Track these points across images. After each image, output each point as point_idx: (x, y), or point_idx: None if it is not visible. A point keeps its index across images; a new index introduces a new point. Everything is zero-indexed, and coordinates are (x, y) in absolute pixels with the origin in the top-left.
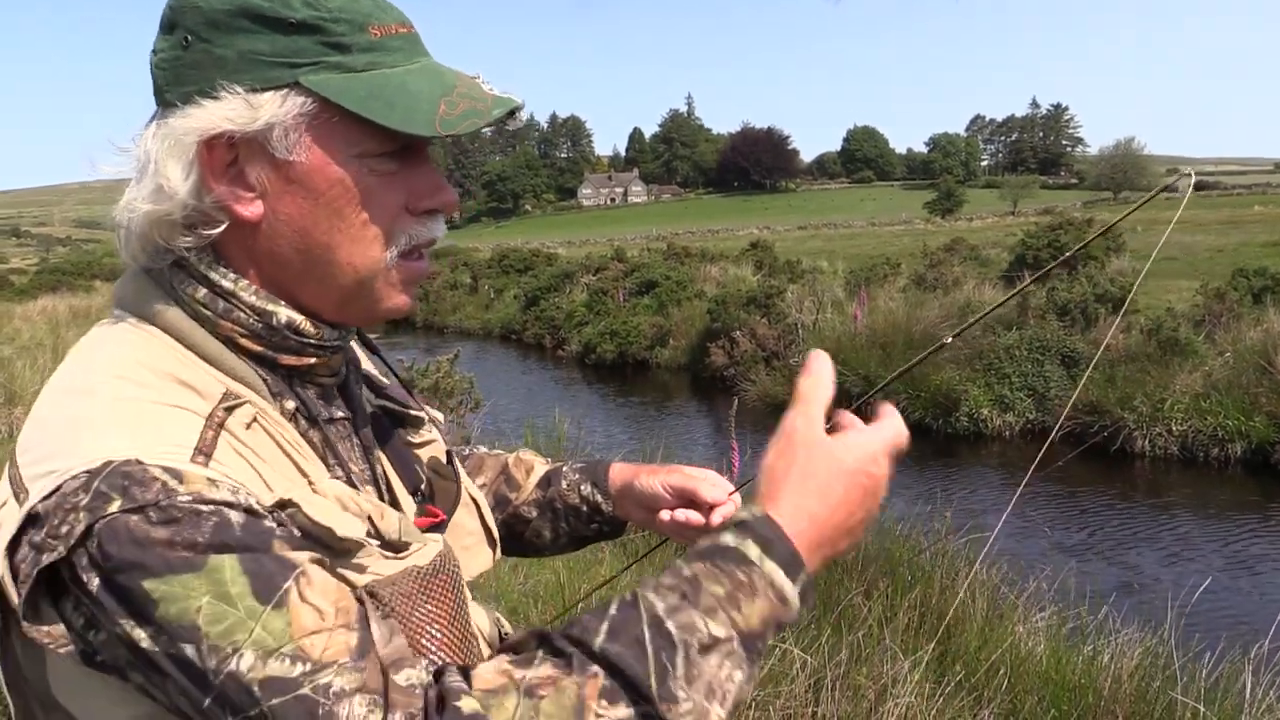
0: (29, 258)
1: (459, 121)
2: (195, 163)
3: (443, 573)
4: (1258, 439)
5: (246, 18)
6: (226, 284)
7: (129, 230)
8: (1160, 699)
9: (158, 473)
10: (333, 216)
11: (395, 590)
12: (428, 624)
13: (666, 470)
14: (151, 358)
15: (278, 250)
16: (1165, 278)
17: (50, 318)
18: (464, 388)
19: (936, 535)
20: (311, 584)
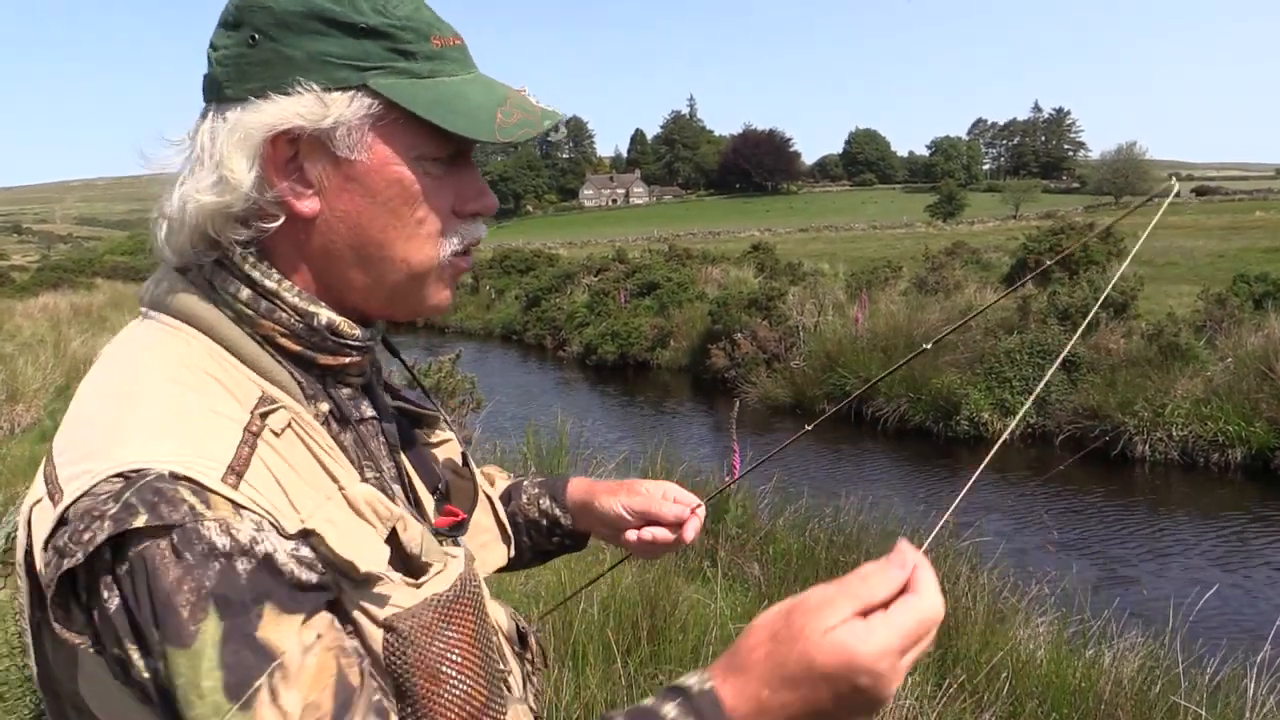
0: (30, 255)
1: (515, 130)
2: (260, 156)
3: (464, 596)
4: (1258, 444)
5: (318, 20)
6: (270, 284)
7: (181, 222)
8: (1161, 703)
9: (187, 494)
10: (389, 215)
11: (415, 623)
12: (448, 651)
13: (626, 490)
14: (192, 359)
15: (331, 246)
16: (1166, 282)
17: (51, 315)
18: (465, 388)
19: (937, 539)
20: (287, 678)
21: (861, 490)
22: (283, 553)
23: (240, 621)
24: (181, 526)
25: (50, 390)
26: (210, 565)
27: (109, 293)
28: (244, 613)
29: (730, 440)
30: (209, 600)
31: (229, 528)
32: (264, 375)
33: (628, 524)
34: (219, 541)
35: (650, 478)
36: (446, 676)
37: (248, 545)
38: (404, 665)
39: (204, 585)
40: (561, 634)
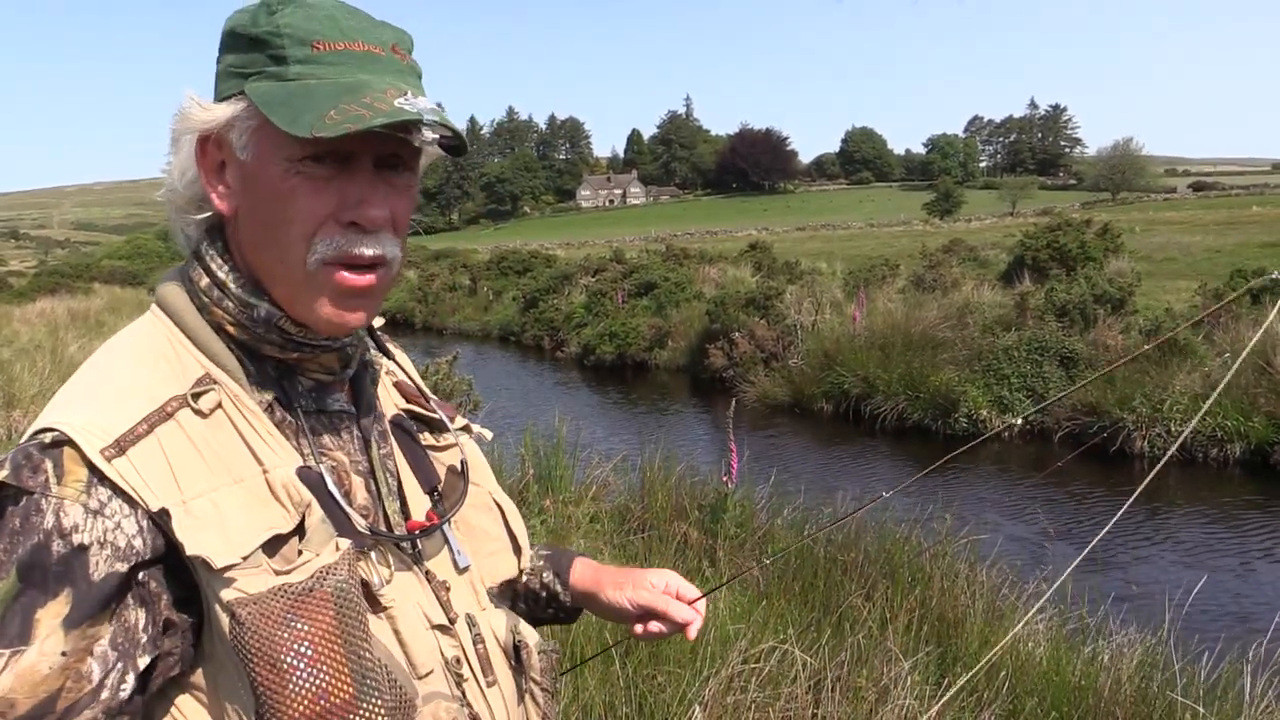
0: (27, 260)
1: (334, 126)
2: (191, 157)
3: (321, 590)
4: (1257, 439)
5: (230, 36)
6: (220, 274)
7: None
8: (1160, 700)
9: (50, 466)
10: (266, 213)
11: (257, 610)
12: (295, 642)
13: (632, 585)
14: (149, 341)
15: (244, 244)
16: (1164, 278)
17: (49, 320)
18: (463, 389)
19: (936, 536)
20: (14, 667)
21: (860, 489)
22: (96, 545)
23: (32, 595)
24: (30, 494)
25: (47, 396)
26: (31, 537)
27: (106, 297)
28: (40, 589)
29: (728, 439)
30: (14, 564)
31: (62, 509)
32: (212, 358)
33: (632, 618)
34: (48, 520)
35: (649, 478)
36: (291, 668)
37: (68, 531)
38: (243, 651)
39: (17, 552)
40: (559, 635)
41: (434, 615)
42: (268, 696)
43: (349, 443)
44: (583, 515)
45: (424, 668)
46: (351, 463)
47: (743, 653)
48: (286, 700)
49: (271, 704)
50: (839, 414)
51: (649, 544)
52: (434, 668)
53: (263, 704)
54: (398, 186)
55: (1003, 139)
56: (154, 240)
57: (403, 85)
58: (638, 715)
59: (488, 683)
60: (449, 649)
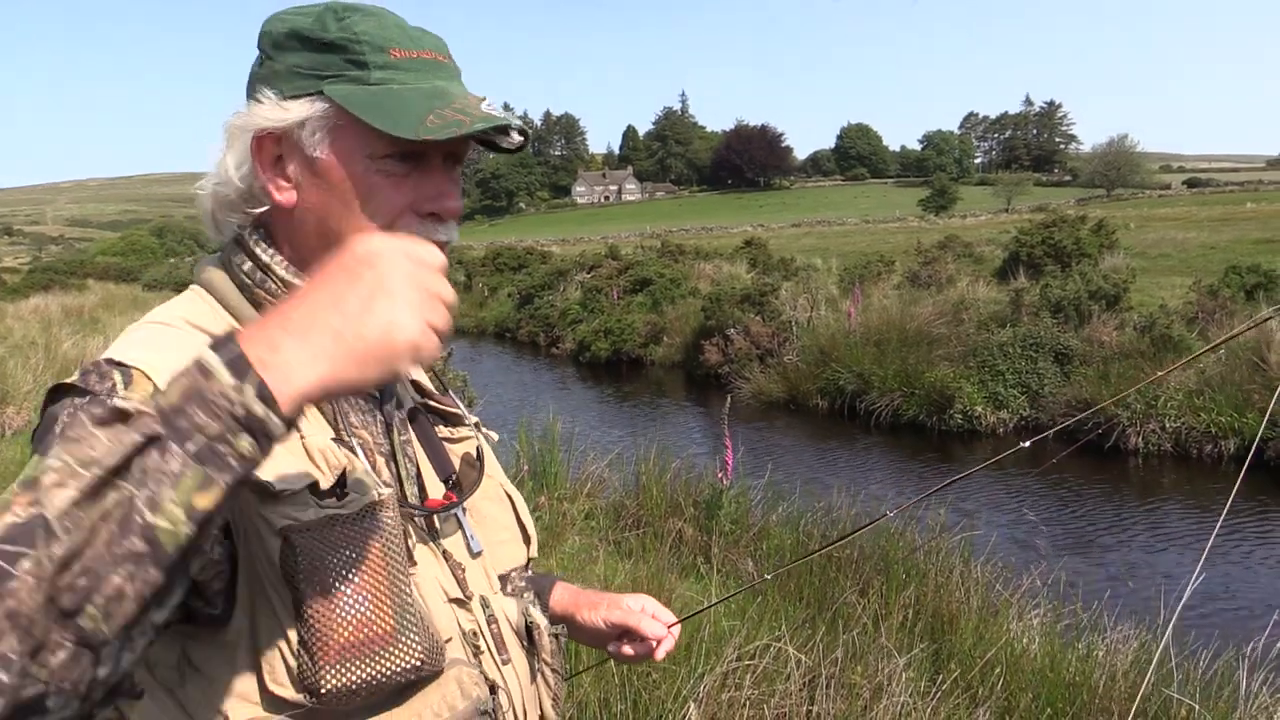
0: (21, 256)
1: (439, 129)
2: (248, 154)
3: (368, 523)
4: (1251, 435)
5: (294, 38)
6: (265, 258)
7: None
8: (1155, 696)
9: (118, 375)
10: (344, 207)
11: (310, 536)
12: (343, 568)
13: (607, 605)
14: (190, 311)
15: (303, 234)
16: (1159, 274)
17: (42, 316)
18: (458, 386)
19: (931, 533)
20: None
21: (855, 485)
22: None
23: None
24: (95, 395)
25: (41, 392)
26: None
27: (101, 294)
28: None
29: (723, 436)
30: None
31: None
32: None
33: (607, 637)
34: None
35: (644, 474)
36: (338, 592)
37: None
38: (295, 574)
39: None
40: None
41: (450, 589)
42: (316, 621)
43: (372, 425)
44: (578, 512)
45: (444, 635)
46: (375, 444)
47: (738, 649)
48: (333, 625)
49: (319, 629)
50: (834, 410)
51: (644, 540)
52: (453, 636)
53: (309, 629)
54: (457, 180)
55: (998, 135)
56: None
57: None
58: (633, 712)
59: (502, 660)
60: (466, 623)
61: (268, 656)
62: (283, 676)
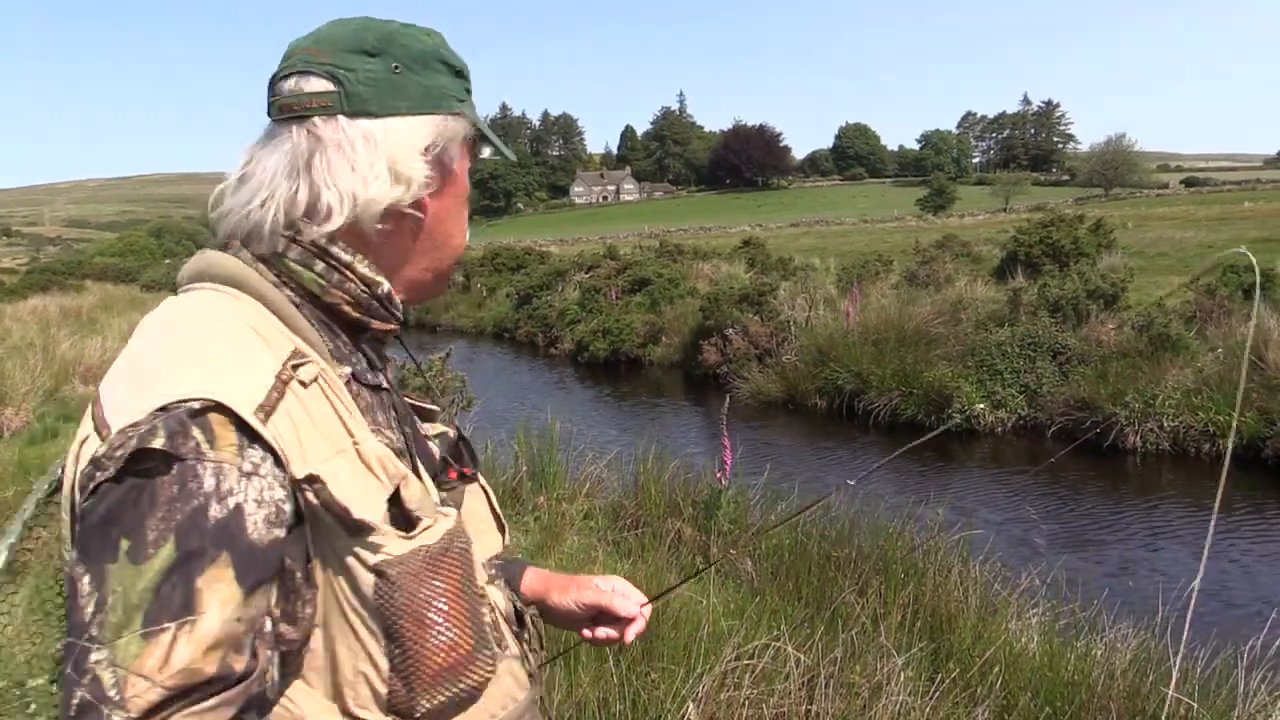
0: (19, 257)
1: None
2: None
3: (451, 550)
4: (1249, 434)
5: (438, 61)
6: (345, 257)
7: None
8: (1154, 695)
9: (199, 433)
10: (458, 213)
11: (403, 570)
12: (434, 598)
13: (577, 586)
14: (236, 314)
15: (420, 234)
16: (1156, 274)
17: (41, 318)
18: (456, 386)
19: (929, 532)
20: (190, 636)
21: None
22: (254, 504)
23: (191, 561)
24: (183, 461)
25: (39, 393)
26: (189, 501)
27: (99, 295)
28: (199, 555)
29: (722, 436)
30: (172, 532)
31: (220, 472)
32: (298, 333)
33: (580, 620)
34: (207, 483)
35: (642, 474)
36: (431, 622)
37: (225, 494)
38: (391, 609)
39: (175, 517)
40: (552, 632)
41: None
42: (413, 651)
43: (390, 420)
44: (576, 512)
45: None
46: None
47: (736, 649)
48: (427, 654)
49: (415, 658)
50: (833, 410)
51: (642, 540)
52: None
53: (406, 658)
54: None
55: (996, 135)
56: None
57: None
58: (631, 712)
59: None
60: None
61: (350, 682)
62: (368, 701)
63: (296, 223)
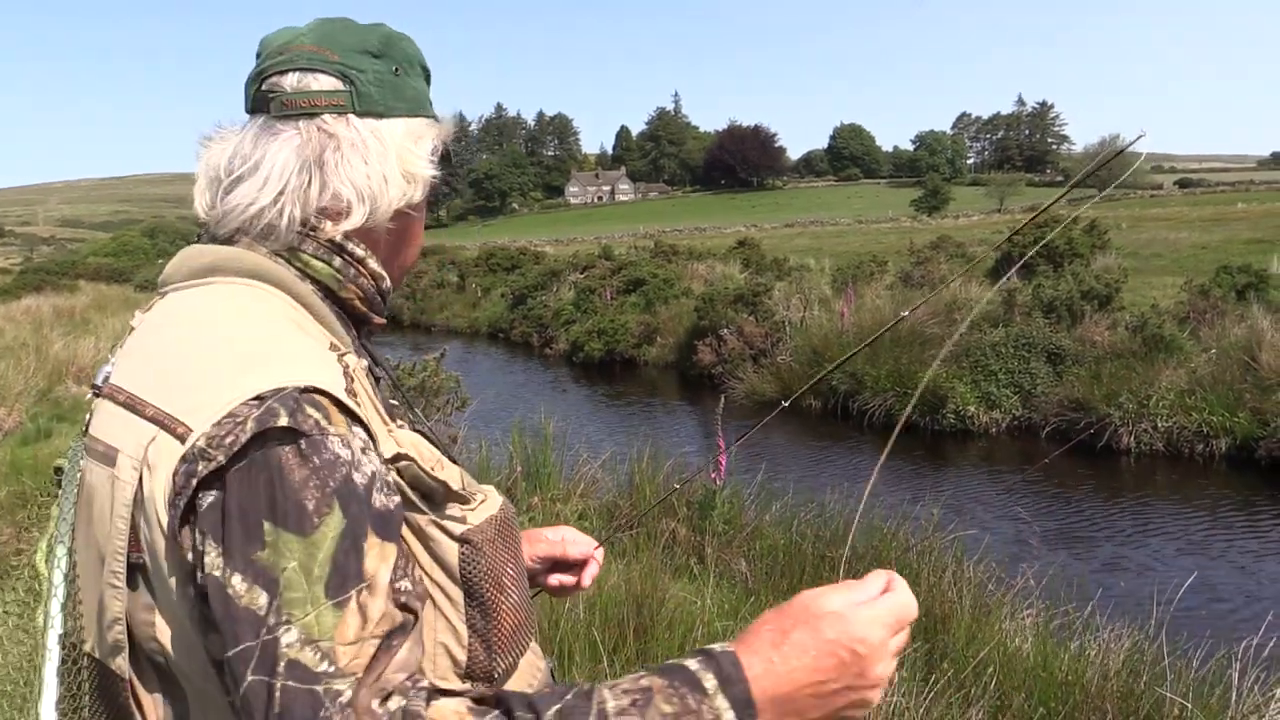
0: (12, 257)
1: None
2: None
3: (509, 517)
4: (1242, 435)
5: (420, 65)
6: (359, 252)
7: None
8: (1147, 695)
9: (313, 410)
10: (423, 212)
11: (483, 537)
12: (506, 562)
13: (529, 541)
14: (270, 308)
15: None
16: (1150, 274)
17: (34, 318)
18: (450, 386)
19: (924, 532)
20: (373, 594)
21: (847, 485)
22: (377, 477)
23: (356, 525)
24: (309, 435)
25: (32, 394)
26: (336, 469)
27: (92, 295)
28: (360, 519)
29: (716, 436)
30: (334, 497)
31: (348, 442)
32: (328, 328)
33: (535, 571)
34: (341, 452)
35: (637, 474)
36: (506, 585)
37: (360, 462)
38: (477, 574)
39: (329, 484)
40: (547, 632)
41: None
42: (493, 612)
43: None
44: (570, 512)
45: None
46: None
47: None
48: (505, 613)
49: (495, 619)
50: (827, 410)
51: (637, 541)
52: None
53: (488, 620)
54: None
55: (990, 136)
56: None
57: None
58: None
59: None
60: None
61: (430, 654)
62: (446, 670)
63: (310, 219)
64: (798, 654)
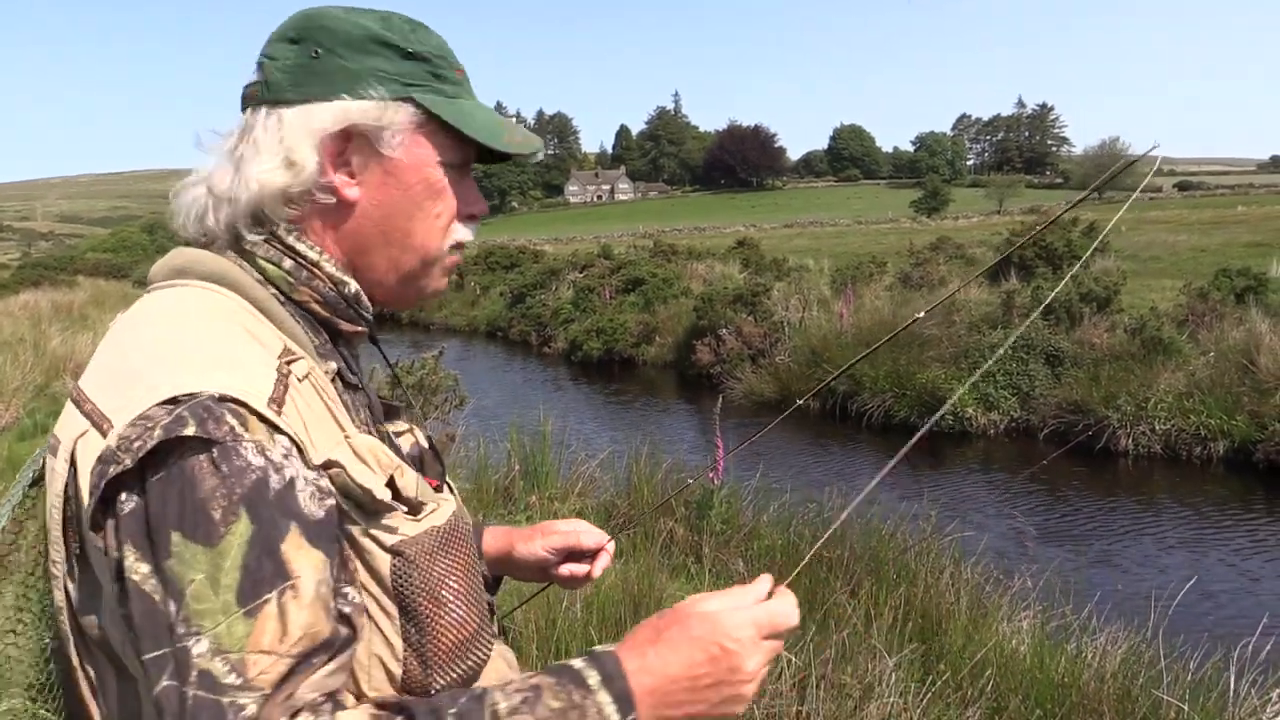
0: (11, 252)
1: (517, 146)
2: (321, 148)
3: (458, 530)
4: (1240, 438)
5: (375, 43)
6: (312, 255)
7: (241, 199)
8: (1144, 697)
9: (230, 417)
10: (415, 207)
11: (419, 549)
12: (447, 576)
13: (541, 533)
14: (226, 311)
15: (362, 230)
16: (1149, 277)
17: (32, 313)
18: (449, 385)
19: (921, 534)
20: (298, 598)
21: (845, 485)
22: (303, 480)
23: (268, 529)
24: (222, 443)
25: (30, 389)
26: (246, 476)
27: (90, 290)
28: (273, 523)
29: (714, 436)
30: (241, 504)
31: (264, 449)
32: (286, 332)
33: (550, 563)
34: (254, 460)
35: (635, 474)
36: (445, 600)
37: (279, 465)
38: (409, 588)
39: (236, 492)
40: (544, 632)
41: None
42: (429, 628)
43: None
44: (569, 511)
45: None
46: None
47: None
48: (442, 630)
49: (431, 634)
50: (826, 411)
51: (634, 540)
52: None
53: (424, 636)
54: None
55: (990, 137)
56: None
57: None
58: None
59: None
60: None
61: (365, 666)
62: (382, 683)
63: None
64: (671, 650)
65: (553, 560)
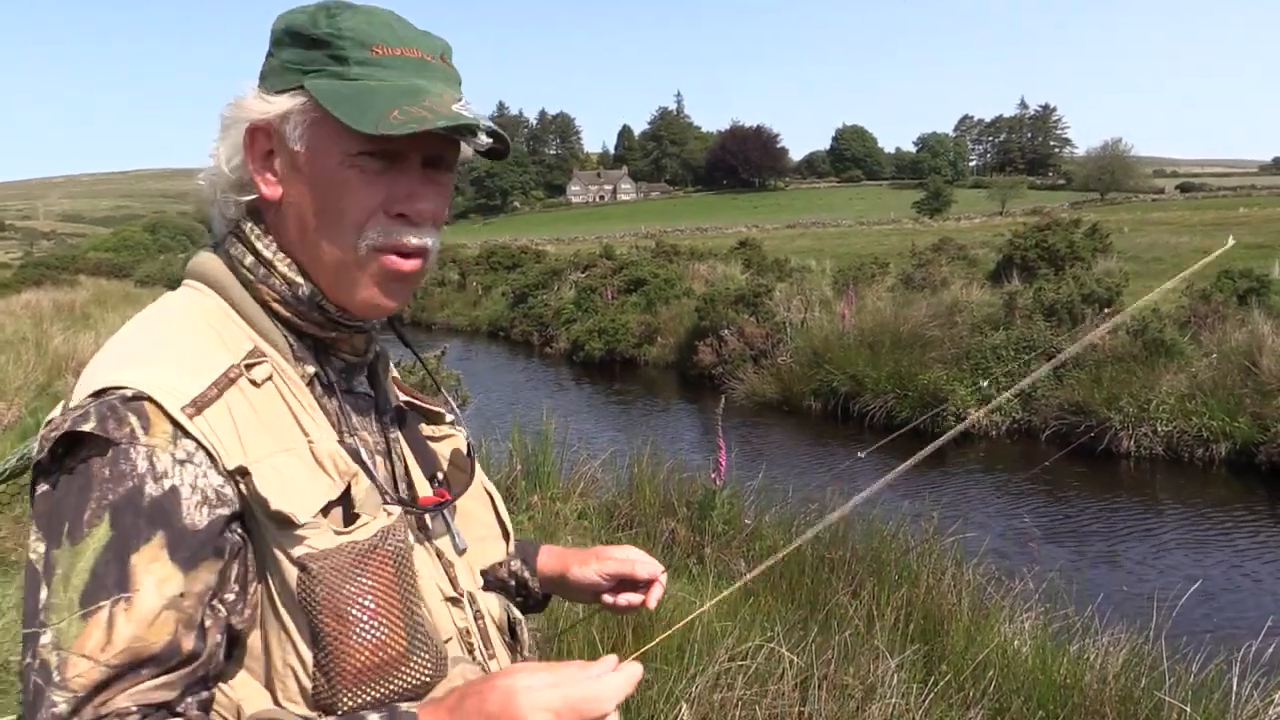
0: (12, 251)
1: (399, 125)
2: (240, 145)
3: (382, 549)
4: (1242, 439)
5: (289, 34)
6: (267, 254)
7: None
8: (1146, 699)
9: (134, 418)
10: (318, 203)
11: (327, 564)
12: (359, 595)
13: (597, 558)
14: (197, 311)
15: (287, 230)
16: (1151, 278)
17: (34, 312)
18: (451, 385)
19: (923, 535)
20: (129, 612)
21: (847, 486)
22: (190, 489)
23: (125, 539)
24: (117, 445)
25: (32, 388)
26: (124, 482)
27: (92, 289)
28: (133, 533)
29: (716, 437)
30: (107, 510)
31: (153, 455)
32: (261, 333)
33: (602, 588)
34: (140, 465)
35: (637, 474)
36: (354, 619)
37: (160, 474)
38: (312, 603)
39: (108, 498)
40: (546, 631)
41: (445, 589)
42: (332, 646)
43: (369, 424)
44: (570, 512)
45: (444, 634)
46: (374, 443)
47: (730, 650)
48: (349, 650)
49: (335, 653)
50: (827, 412)
51: (636, 541)
52: (451, 635)
53: (326, 654)
54: (441, 184)
55: (992, 138)
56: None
57: (456, 93)
58: (624, 712)
59: (488, 655)
60: (459, 621)
61: (280, 674)
62: (295, 695)
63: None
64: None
65: (605, 585)
